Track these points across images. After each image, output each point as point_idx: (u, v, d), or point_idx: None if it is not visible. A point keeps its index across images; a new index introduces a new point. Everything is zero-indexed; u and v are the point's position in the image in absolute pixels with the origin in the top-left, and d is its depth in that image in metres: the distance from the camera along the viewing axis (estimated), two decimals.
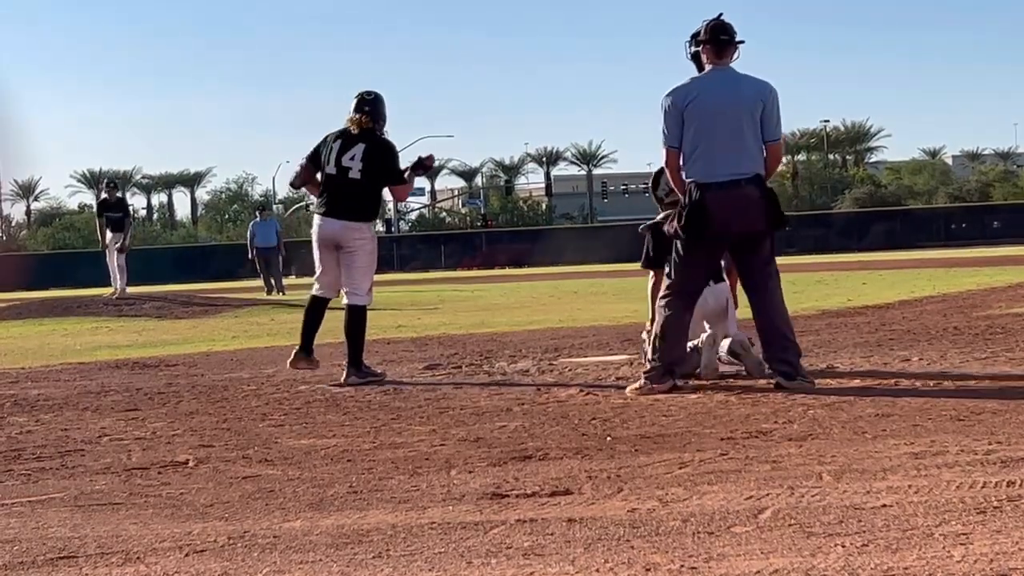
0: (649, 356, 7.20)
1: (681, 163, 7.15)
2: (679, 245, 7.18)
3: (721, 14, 7.21)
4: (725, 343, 7.66)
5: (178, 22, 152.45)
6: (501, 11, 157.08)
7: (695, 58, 7.27)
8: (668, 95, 7.16)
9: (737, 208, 7.02)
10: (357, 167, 8.36)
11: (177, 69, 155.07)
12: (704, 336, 7.59)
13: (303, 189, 8.98)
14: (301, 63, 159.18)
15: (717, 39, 7.15)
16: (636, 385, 7.12)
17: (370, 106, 8.44)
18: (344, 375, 8.25)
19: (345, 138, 8.44)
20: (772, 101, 7.14)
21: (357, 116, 8.42)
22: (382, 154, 8.47)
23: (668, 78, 7.49)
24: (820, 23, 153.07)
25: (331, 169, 8.44)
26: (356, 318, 8.40)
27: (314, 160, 8.59)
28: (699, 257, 7.20)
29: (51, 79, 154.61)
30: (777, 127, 7.19)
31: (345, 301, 8.50)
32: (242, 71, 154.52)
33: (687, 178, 7.13)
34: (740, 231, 7.10)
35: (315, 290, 8.65)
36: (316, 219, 8.59)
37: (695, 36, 7.24)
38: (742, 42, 7.20)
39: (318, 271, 8.61)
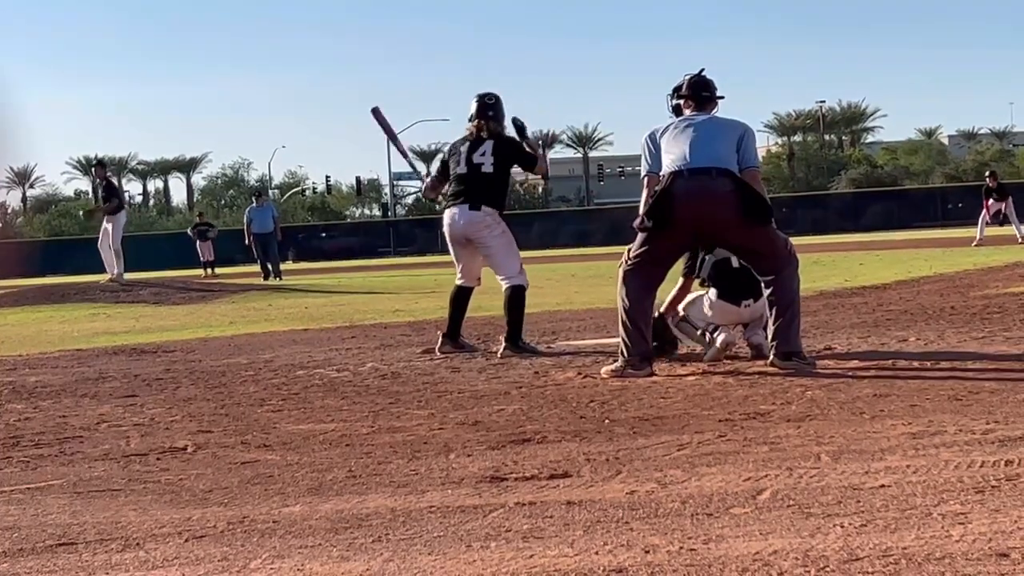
0: (627, 344, 7.09)
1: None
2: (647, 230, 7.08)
3: (703, 69, 7.31)
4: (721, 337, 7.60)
5: (173, 6, 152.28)
6: None
7: (676, 111, 7.38)
8: (647, 133, 7.24)
9: (704, 194, 6.91)
10: (489, 162, 8.85)
11: (172, 54, 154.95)
12: (721, 336, 7.49)
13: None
14: (296, 47, 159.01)
15: (699, 96, 7.29)
16: (612, 367, 7.09)
17: (492, 110, 8.99)
18: (500, 348, 8.64)
19: (473, 141, 8.94)
20: (748, 136, 7.19)
21: (482, 122, 8.92)
22: (509, 145, 8.97)
23: (665, 61, 7.56)
24: (816, 3, 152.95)
25: (462, 169, 8.90)
26: (514, 298, 8.85)
27: (443, 173, 9.12)
28: (662, 246, 7.09)
29: (46, 66, 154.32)
30: (754, 158, 7.21)
31: (504, 286, 8.94)
32: (237, 55, 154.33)
33: (661, 171, 7.07)
34: (708, 218, 6.95)
35: (457, 280, 9.17)
36: (445, 215, 9.00)
37: (676, 90, 7.33)
38: (722, 97, 7.34)
39: (456, 265, 9.15)
